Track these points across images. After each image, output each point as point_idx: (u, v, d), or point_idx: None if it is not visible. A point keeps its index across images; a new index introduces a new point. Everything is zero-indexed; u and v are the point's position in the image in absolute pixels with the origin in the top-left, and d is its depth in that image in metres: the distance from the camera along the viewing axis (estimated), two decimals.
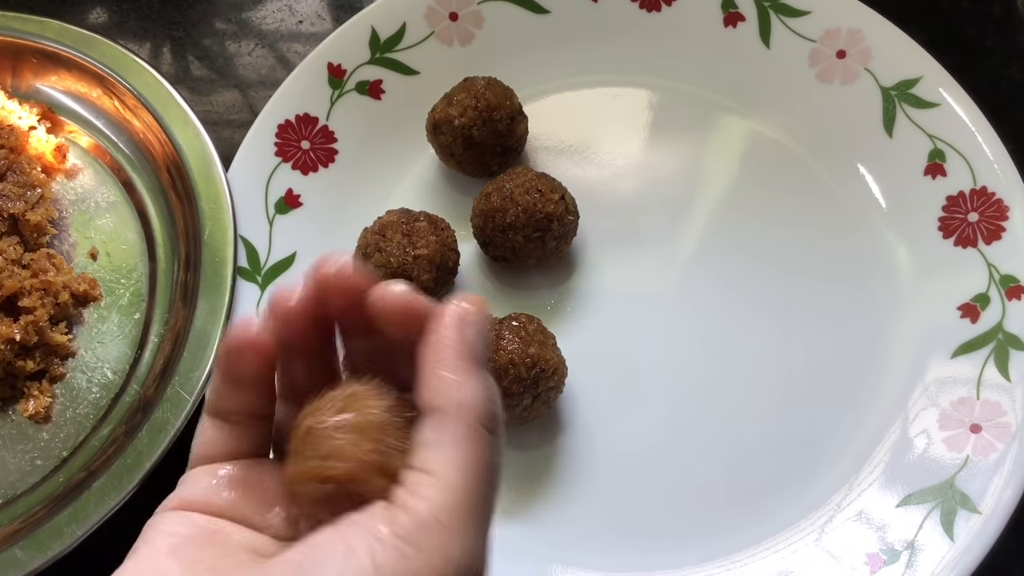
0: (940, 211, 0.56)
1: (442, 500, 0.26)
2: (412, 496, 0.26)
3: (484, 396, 0.28)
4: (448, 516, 0.25)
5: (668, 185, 0.59)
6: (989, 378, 0.52)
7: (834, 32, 0.59)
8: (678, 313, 0.56)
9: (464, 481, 0.26)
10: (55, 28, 0.62)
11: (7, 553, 0.49)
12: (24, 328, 0.54)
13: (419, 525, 0.25)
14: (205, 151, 0.58)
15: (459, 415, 0.27)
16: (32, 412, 0.55)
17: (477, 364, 0.28)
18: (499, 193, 0.53)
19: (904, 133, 0.58)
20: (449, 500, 0.26)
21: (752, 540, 0.51)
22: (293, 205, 0.59)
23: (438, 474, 0.26)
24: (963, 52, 0.63)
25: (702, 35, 0.61)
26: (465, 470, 0.26)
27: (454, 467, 0.26)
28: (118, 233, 0.61)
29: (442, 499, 0.26)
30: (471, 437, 0.27)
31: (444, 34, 0.62)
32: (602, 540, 0.52)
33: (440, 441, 0.27)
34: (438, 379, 0.27)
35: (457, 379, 0.27)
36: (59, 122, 0.63)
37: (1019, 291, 0.53)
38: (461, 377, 0.27)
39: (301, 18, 0.68)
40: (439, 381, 0.27)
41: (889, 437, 0.53)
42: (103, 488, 0.50)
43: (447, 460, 0.26)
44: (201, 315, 0.54)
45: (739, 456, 0.53)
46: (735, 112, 0.61)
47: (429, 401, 0.27)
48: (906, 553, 0.49)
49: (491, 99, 0.55)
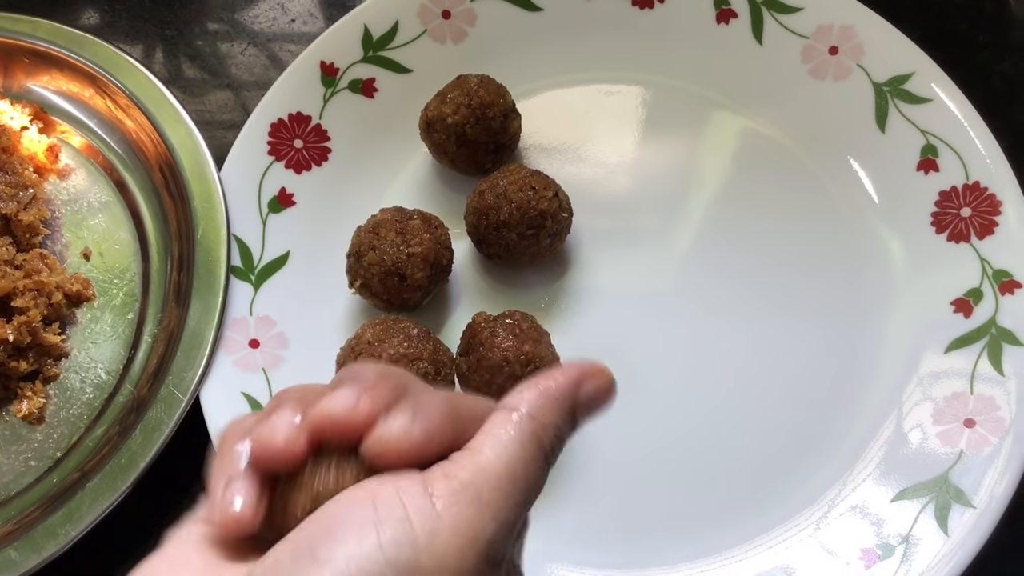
0: (933, 206, 0.56)
1: (482, 476, 0.26)
2: (454, 464, 0.26)
3: (557, 428, 0.29)
4: (487, 491, 0.26)
5: (661, 182, 0.60)
6: (983, 372, 0.52)
7: (826, 28, 0.59)
8: (672, 310, 0.56)
9: (507, 471, 0.27)
10: (47, 28, 0.62)
11: (1, 554, 0.49)
12: (17, 329, 0.54)
13: (457, 489, 0.26)
14: (198, 150, 0.58)
15: (526, 421, 0.28)
16: (25, 413, 0.55)
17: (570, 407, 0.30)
18: (493, 191, 0.53)
19: (897, 129, 0.58)
20: (488, 478, 0.26)
21: (747, 536, 0.51)
22: (286, 204, 0.58)
23: (485, 455, 0.27)
24: (955, 48, 0.63)
25: (694, 32, 0.61)
26: (511, 464, 0.27)
27: (502, 455, 0.27)
28: (111, 233, 0.60)
29: (482, 475, 0.26)
30: (528, 443, 0.28)
31: (437, 32, 0.61)
32: (597, 536, 0.52)
33: (499, 433, 0.28)
34: (530, 391, 0.29)
35: (546, 399, 0.29)
36: (51, 122, 0.63)
37: (1012, 286, 0.53)
38: (551, 400, 0.29)
39: (293, 17, 0.68)
40: (530, 392, 0.29)
41: (883, 432, 0.53)
42: (97, 488, 0.50)
43: (498, 448, 0.27)
44: (195, 315, 0.54)
45: (733, 452, 0.53)
46: (728, 109, 0.61)
47: (509, 402, 0.29)
48: (901, 548, 0.49)
49: (484, 97, 0.55)
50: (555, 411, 0.29)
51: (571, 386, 0.30)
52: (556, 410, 0.29)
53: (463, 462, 0.26)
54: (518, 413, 0.28)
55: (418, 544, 0.24)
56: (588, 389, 0.30)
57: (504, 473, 0.27)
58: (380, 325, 0.51)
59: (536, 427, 0.28)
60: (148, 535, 0.53)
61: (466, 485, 0.26)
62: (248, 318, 0.55)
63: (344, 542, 0.24)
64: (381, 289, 0.53)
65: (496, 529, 0.26)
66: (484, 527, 0.25)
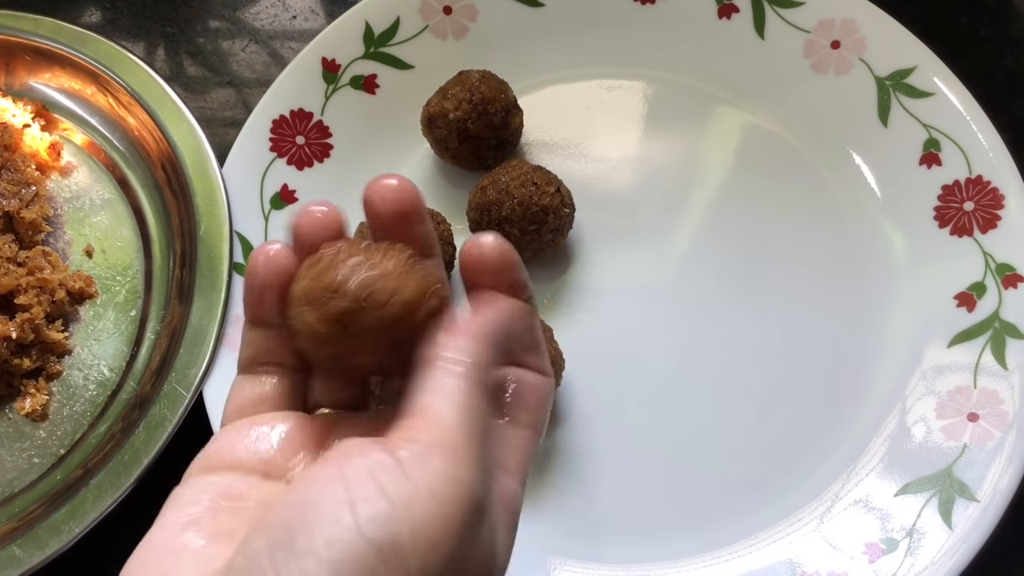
0: (936, 200, 0.56)
1: (444, 434, 0.26)
2: (409, 431, 0.26)
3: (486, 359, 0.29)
4: (452, 445, 0.26)
5: (664, 177, 0.59)
6: (986, 366, 0.52)
7: (828, 23, 0.59)
8: (674, 304, 0.56)
9: (463, 419, 0.27)
10: (49, 26, 0.62)
11: (5, 551, 0.49)
12: (20, 326, 0.54)
13: (424, 451, 0.25)
14: (200, 147, 0.58)
15: (465, 366, 0.28)
16: (29, 410, 0.55)
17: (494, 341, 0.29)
18: (495, 186, 0.53)
19: (899, 123, 0.58)
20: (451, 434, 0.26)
21: (751, 530, 0.51)
22: (288, 200, 0.58)
23: (438, 411, 0.27)
24: (957, 42, 0.63)
25: (696, 27, 0.61)
26: (464, 411, 0.27)
27: (454, 407, 0.27)
28: (113, 230, 0.61)
29: (445, 433, 0.26)
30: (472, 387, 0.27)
31: (438, 28, 0.61)
32: (601, 531, 0.52)
33: (443, 386, 0.27)
34: (454, 336, 0.29)
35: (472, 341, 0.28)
36: (53, 120, 0.63)
37: (1015, 279, 0.53)
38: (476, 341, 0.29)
39: (294, 14, 0.68)
40: (455, 337, 0.28)
41: (887, 426, 0.53)
42: (100, 485, 0.50)
43: (447, 401, 0.27)
44: (197, 311, 0.54)
45: (737, 446, 0.53)
46: (730, 103, 0.61)
47: (439, 352, 0.28)
48: (905, 542, 0.49)
49: (486, 92, 0.55)
50: (486, 350, 0.29)
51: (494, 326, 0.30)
52: (487, 349, 0.29)
53: (418, 423, 0.26)
54: (453, 362, 0.28)
55: (396, 516, 0.24)
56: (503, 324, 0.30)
57: (462, 423, 0.26)
58: None
59: (473, 370, 0.28)
60: None
61: (431, 444, 0.26)
62: None
63: (320, 527, 0.24)
64: None
65: (471, 475, 0.26)
66: (460, 478, 0.25)
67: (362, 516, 0.24)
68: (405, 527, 0.24)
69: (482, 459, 0.27)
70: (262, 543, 0.24)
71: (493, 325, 0.30)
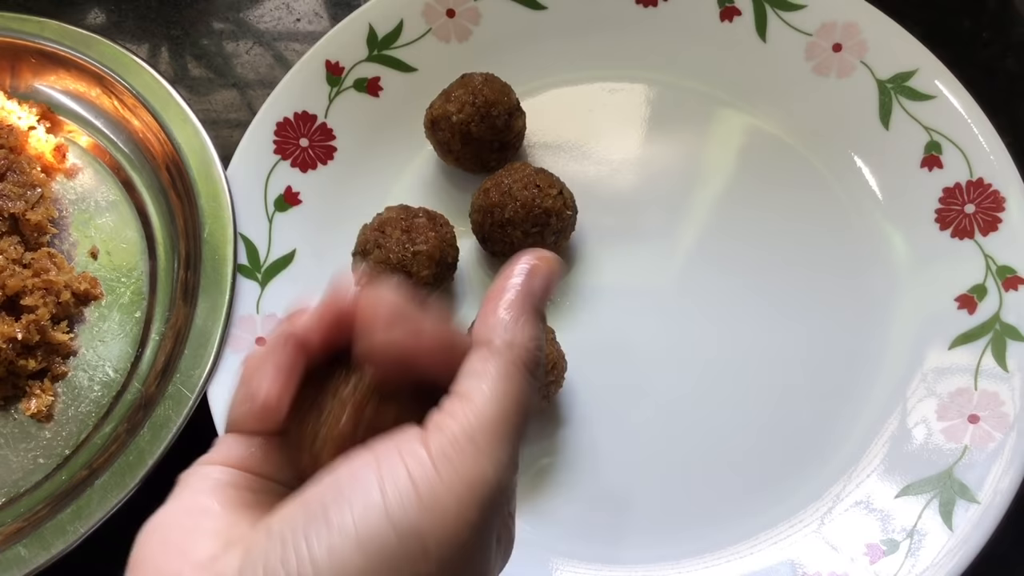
0: (937, 203, 0.56)
1: (476, 422, 0.26)
2: (447, 416, 0.27)
3: (534, 341, 0.29)
4: (482, 437, 0.26)
5: (666, 179, 0.60)
6: (987, 368, 0.52)
7: (830, 26, 0.59)
8: (676, 306, 0.57)
9: (499, 410, 0.27)
10: (54, 28, 0.62)
11: (11, 551, 0.49)
12: (26, 327, 0.54)
13: (453, 443, 0.26)
14: (204, 150, 0.58)
15: (506, 352, 0.28)
16: (34, 411, 0.55)
17: (534, 312, 0.30)
18: (497, 189, 0.54)
19: (900, 125, 0.58)
20: (483, 424, 0.26)
21: (752, 531, 0.51)
22: (292, 202, 0.59)
23: (475, 400, 0.27)
24: (959, 45, 0.63)
25: (698, 29, 0.62)
26: (501, 401, 0.27)
27: (491, 397, 0.27)
28: (118, 232, 0.61)
29: (477, 422, 0.26)
30: (512, 374, 0.28)
31: (441, 31, 0.62)
32: (603, 532, 0.52)
33: (484, 372, 0.28)
34: (495, 317, 0.29)
35: (512, 320, 0.29)
36: (58, 122, 0.64)
37: (1016, 282, 0.53)
38: (516, 319, 0.29)
39: (298, 16, 0.68)
40: (495, 319, 0.29)
41: (888, 428, 0.53)
42: (105, 486, 0.50)
43: (486, 389, 0.27)
44: (202, 313, 0.54)
45: (738, 448, 0.53)
46: (732, 106, 0.61)
47: (481, 335, 0.29)
48: (905, 543, 0.49)
49: (489, 95, 0.55)
50: (525, 326, 0.29)
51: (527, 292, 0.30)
52: (525, 324, 0.29)
53: (454, 411, 0.27)
54: (494, 345, 0.28)
55: (421, 505, 0.25)
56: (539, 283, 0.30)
57: (496, 413, 0.27)
58: None
59: (515, 352, 0.28)
60: None
61: (458, 436, 0.26)
62: (255, 316, 0.55)
63: (352, 504, 0.25)
64: None
65: (494, 473, 0.26)
66: (483, 475, 0.26)
67: (391, 501, 0.25)
68: (427, 516, 0.25)
69: (511, 449, 0.27)
70: (299, 513, 0.25)
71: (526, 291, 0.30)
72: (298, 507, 0.26)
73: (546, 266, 0.30)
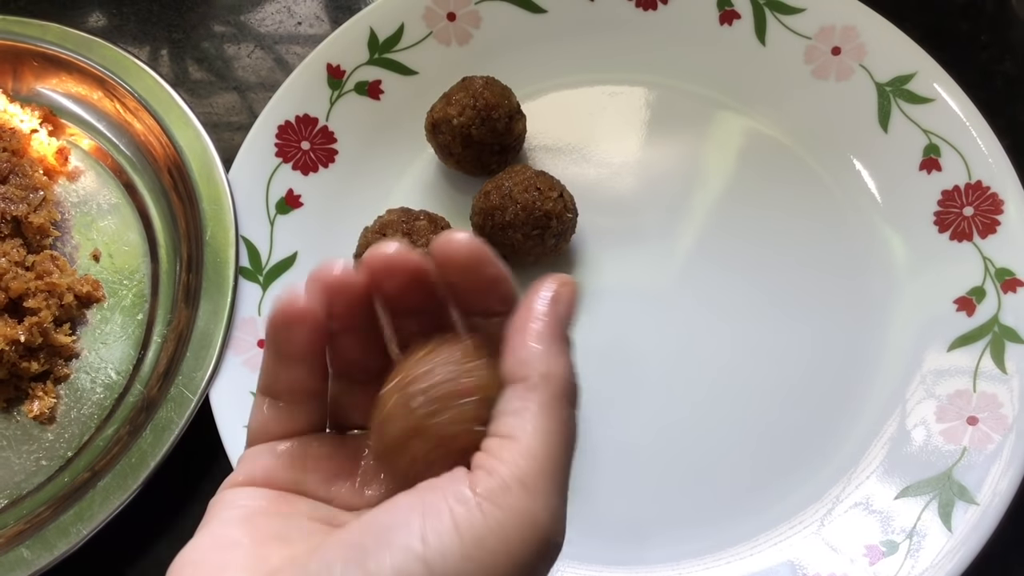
0: (935, 205, 0.56)
1: (525, 464, 0.25)
2: (494, 459, 0.26)
3: (568, 370, 0.28)
4: (531, 479, 0.25)
5: (666, 182, 0.60)
6: (985, 370, 0.52)
7: (829, 29, 0.59)
8: (676, 309, 0.57)
9: (546, 448, 0.26)
10: (56, 32, 0.63)
11: (14, 553, 0.49)
12: (29, 329, 0.55)
13: (501, 486, 0.25)
14: (206, 152, 0.59)
15: (544, 386, 0.27)
16: (37, 413, 0.56)
17: (564, 340, 0.28)
18: (498, 191, 0.54)
19: (899, 128, 0.58)
20: (532, 465, 0.26)
21: (751, 532, 0.51)
22: (294, 205, 0.59)
23: (521, 440, 0.26)
24: (957, 47, 0.64)
25: (698, 33, 0.62)
26: (547, 438, 0.26)
27: (537, 434, 0.26)
28: (120, 235, 0.61)
29: (525, 463, 0.25)
30: (554, 407, 0.27)
31: (442, 34, 0.62)
32: (603, 534, 0.52)
33: (524, 409, 0.27)
34: (527, 350, 0.27)
35: (545, 351, 0.27)
36: (60, 125, 0.64)
37: (1014, 284, 0.54)
38: (549, 349, 0.28)
39: (300, 20, 0.69)
40: (527, 352, 0.27)
41: (887, 429, 0.53)
42: (108, 487, 0.50)
43: (530, 427, 0.26)
44: (203, 315, 0.55)
45: (738, 449, 0.54)
46: (731, 109, 0.61)
47: (515, 371, 0.27)
48: (905, 544, 0.49)
49: (489, 98, 0.55)
50: (559, 356, 0.28)
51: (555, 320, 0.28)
52: (559, 354, 0.28)
53: (501, 454, 0.26)
54: (531, 381, 0.27)
55: (465, 555, 0.24)
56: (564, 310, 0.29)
57: (543, 452, 0.26)
58: None
59: (554, 385, 0.27)
60: (159, 534, 0.54)
61: (509, 480, 0.25)
62: (257, 318, 0.56)
63: (392, 551, 0.24)
64: None
65: (548, 516, 0.25)
66: (535, 518, 0.25)
67: (432, 549, 0.24)
68: (471, 566, 0.24)
69: (562, 490, 0.26)
70: (338, 555, 0.25)
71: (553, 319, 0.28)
72: (337, 549, 0.25)
73: (568, 292, 0.29)
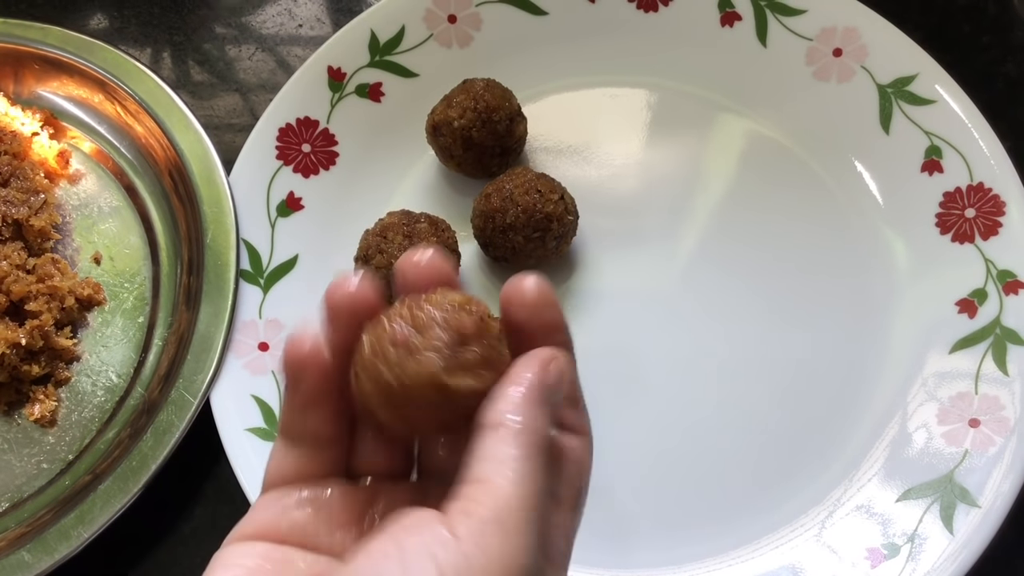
0: (937, 207, 0.56)
1: (502, 505, 0.26)
2: (470, 502, 0.26)
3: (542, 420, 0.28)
4: (509, 520, 0.25)
5: (667, 184, 0.60)
6: (987, 373, 0.52)
7: (830, 30, 0.59)
8: (677, 311, 0.57)
9: (522, 494, 0.26)
10: (57, 34, 0.63)
11: (14, 556, 0.49)
12: (30, 332, 0.55)
13: (479, 527, 0.25)
14: (207, 155, 0.59)
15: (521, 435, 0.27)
16: (38, 416, 0.56)
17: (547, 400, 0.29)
18: (499, 194, 0.54)
19: (901, 130, 0.58)
20: (509, 506, 0.26)
21: (752, 536, 0.51)
22: (295, 208, 0.59)
23: (496, 483, 0.26)
24: (959, 49, 0.63)
25: (699, 35, 0.62)
26: (524, 485, 0.26)
27: (514, 480, 0.26)
28: (121, 237, 0.61)
29: (501, 504, 0.26)
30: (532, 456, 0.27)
31: (443, 36, 0.62)
32: (604, 537, 0.52)
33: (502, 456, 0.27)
34: (504, 398, 0.28)
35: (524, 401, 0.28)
36: (61, 128, 0.64)
37: (1016, 286, 0.53)
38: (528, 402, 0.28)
39: (300, 22, 0.69)
40: (504, 400, 0.28)
41: (888, 432, 0.53)
42: (108, 491, 0.50)
43: (508, 472, 0.26)
44: (204, 318, 0.55)
45: (739, 452, 0.54)
46: (732, 111, 0.61)
47: (491, 418, 0.28)
48: (906, 547, 0.49)
49: (490, 100, 0.55)
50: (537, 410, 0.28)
51: (541, 380, 0.29)
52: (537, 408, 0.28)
53: (478, 496, 0.26)
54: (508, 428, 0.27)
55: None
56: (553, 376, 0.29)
57: (519, 495, 0.26)
58: None
59: (529, 435, 0.27)
60: (160, 537, 0.54)
61: (487, 520, 0.25)
62: (257, 321, 0.56)
63: None
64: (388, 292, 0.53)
65: (526, 553, 0.26)
66: (515, 557, 0.25)
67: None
68: None
69: (539, 534, 0.26)
70: None
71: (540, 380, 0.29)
72: None
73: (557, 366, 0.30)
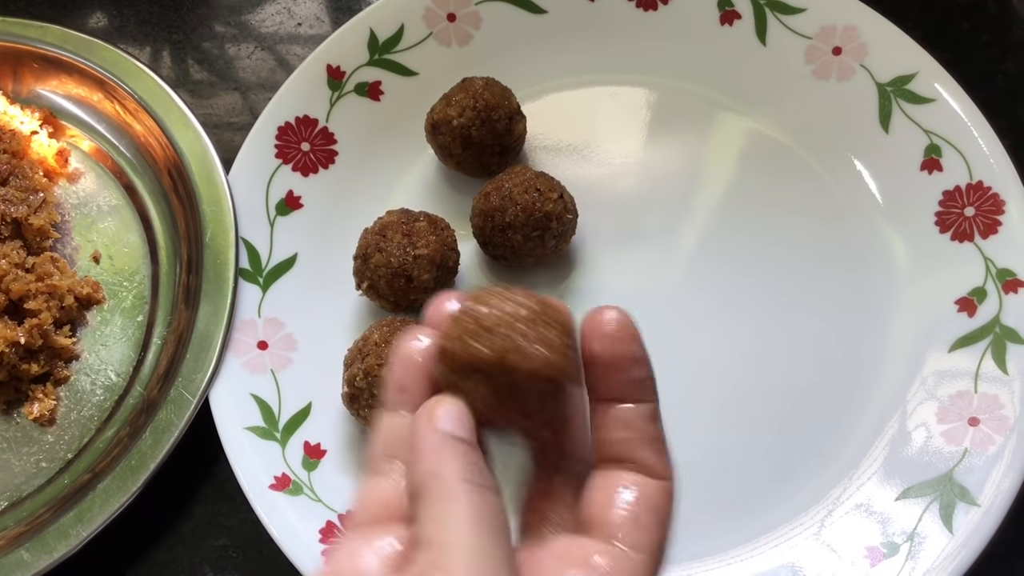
0: (936, 206, 0.56)
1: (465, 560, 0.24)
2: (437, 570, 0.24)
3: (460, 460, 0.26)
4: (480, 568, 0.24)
5: (666, 183, 0.60)
6: (987, 371, 0.52)
7: (830, 29, 0.59)
8: (677, 309, 0.57)
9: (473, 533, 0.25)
10: (56, 33, 0.63)
11: (14, 555, 0.49)
12: (29, 331, 0.55)
13: None
14: (206, 154, 0.58)
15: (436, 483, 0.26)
16: (37, 415, 0.56)
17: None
18: (498, 192, 0.54)
19: (900, 129, 0.58)
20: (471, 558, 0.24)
21: (752, 535, 0.51)
22: (294, 206, 0.59)
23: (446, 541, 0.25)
24: (958, 47, 0.63)
25: (698, 33, 0.62)
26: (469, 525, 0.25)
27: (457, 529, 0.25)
28: (120, 236, 0.61)
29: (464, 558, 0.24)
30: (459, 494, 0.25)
31: (442, 35, 0.62)
32: None
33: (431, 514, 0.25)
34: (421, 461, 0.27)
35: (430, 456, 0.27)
36: (60, 126, 0.64)
37: (1016, 285, 0.53)
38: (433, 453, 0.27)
39: (300, 20, 0.69)
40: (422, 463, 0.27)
41: (888, 431, 0.53)
42: (108, 490, 0.50)
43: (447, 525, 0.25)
44: (203, 317, 0.55)
45: (738, 451, 0.53)
46: (732, 109, 0.61)
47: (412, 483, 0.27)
48: (906, 546, 0.49)
49: (489, 99, 0.55)
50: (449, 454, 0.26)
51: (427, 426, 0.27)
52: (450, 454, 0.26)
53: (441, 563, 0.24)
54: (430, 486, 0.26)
55: None
56: None
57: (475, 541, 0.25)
58: (387, 327, 0.51)
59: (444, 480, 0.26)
60: (159, 536, 0.54)
61: None
62: (256, 320, 0.56)
63: None
64: (388, 291, 0.53)
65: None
66: None
67: None
68: None
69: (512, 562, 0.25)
70: None
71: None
72: None
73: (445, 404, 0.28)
